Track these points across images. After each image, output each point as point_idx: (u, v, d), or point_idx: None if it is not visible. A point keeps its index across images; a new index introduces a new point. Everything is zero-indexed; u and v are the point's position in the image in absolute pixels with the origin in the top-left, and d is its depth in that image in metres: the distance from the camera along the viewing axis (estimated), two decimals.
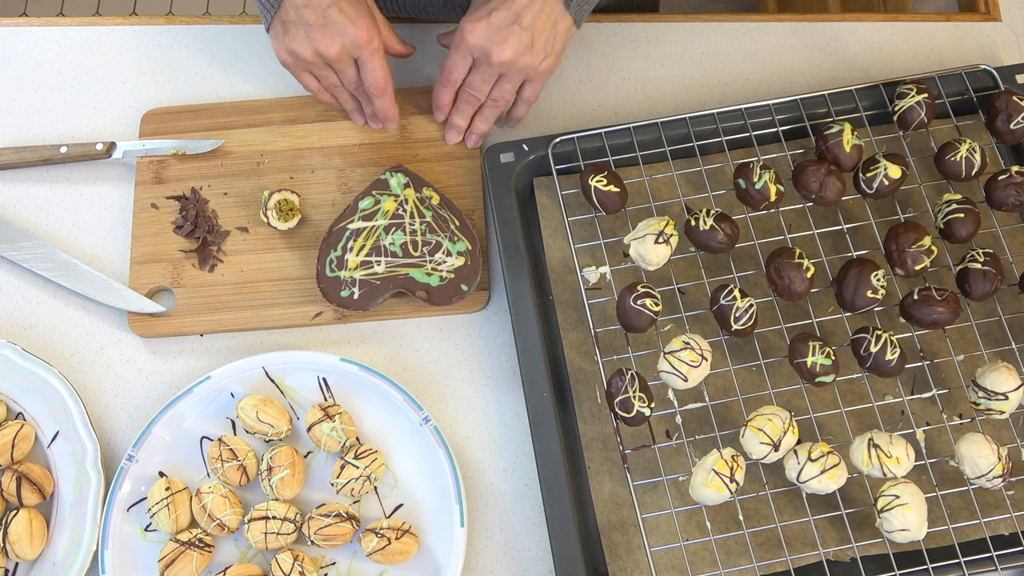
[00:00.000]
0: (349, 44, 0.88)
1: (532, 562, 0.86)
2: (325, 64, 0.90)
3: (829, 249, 0.91)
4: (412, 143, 0.99)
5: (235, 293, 0.93)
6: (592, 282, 0.90)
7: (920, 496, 0.78)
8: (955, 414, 0.86)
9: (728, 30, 1.05)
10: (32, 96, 1.03)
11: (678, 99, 1.02)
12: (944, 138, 0.95)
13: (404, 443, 0.88)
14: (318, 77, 0.93)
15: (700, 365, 0.80)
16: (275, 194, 0.93)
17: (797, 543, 0.82)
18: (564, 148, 0.93)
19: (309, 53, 0.89)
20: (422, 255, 0.91)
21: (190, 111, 1.00)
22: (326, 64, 0.90)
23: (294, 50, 0.89)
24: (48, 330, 0.94)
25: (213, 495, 0.83)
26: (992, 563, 0.79)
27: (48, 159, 0.98)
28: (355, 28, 0.87)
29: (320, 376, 0.89)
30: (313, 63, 0.90)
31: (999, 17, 1.05)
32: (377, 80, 0.91)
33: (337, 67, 0.90)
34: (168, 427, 0.87)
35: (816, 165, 0.86)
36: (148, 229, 0.96)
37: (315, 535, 0.82)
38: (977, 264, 0.83)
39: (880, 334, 0.81)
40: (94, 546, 0.84)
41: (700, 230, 0.84)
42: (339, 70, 0.91)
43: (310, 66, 0.91)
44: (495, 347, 0.92)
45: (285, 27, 0.89)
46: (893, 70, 1.02)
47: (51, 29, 1.06)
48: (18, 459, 0.86)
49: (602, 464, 0.86)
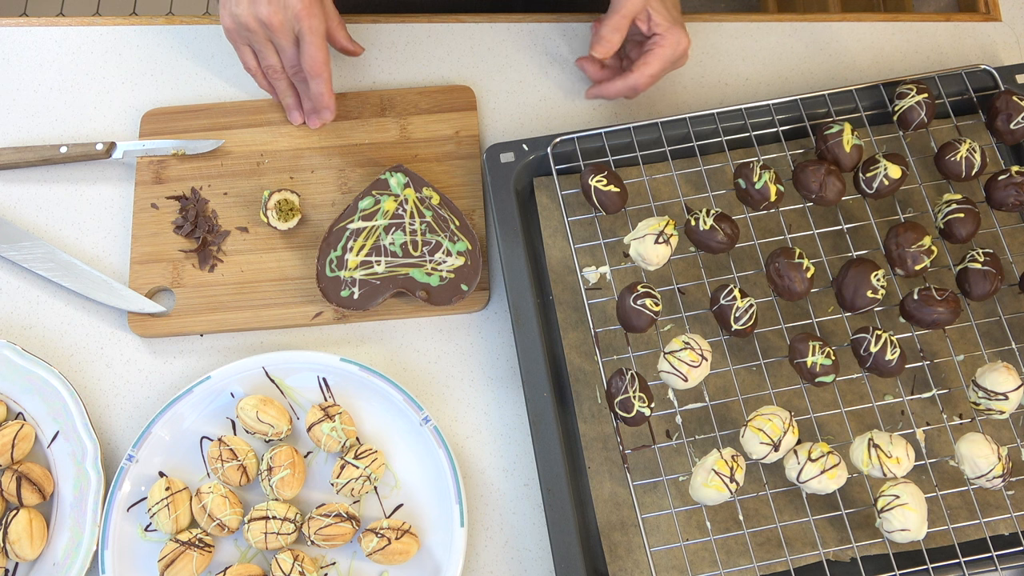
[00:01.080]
0: (292, 16, 0.89)
1: (532, 562, 0.86)
2: (266, 38, 0.92)
3: (829, 249, 0.91)
4: (412, 143, 0.99)
5: (235, 293, 0.93)
6: (592, 282, 0.90)
7: (920, 496, 0.78)
8: (955, 414, 0.86)
9: (728, 30, 1.05)
10: (32, 96, 1.03)
11: (678, 99, 1.02)
12: (944, 138, 0.95)
13: (404, 443, 0.88)
14: (257, 55, 0.94)
15: (700, 365, 0.80)
16: (275, 194, 0.93)
17: (797, 543, 0.82)
18: (564, 148, 0.93)
19: (251, 18, 0.90)
20: (422, 255, 0.91)
21: (190, 111, 1.00)
22: (267, 38, 0.92)
23: (237, 14, 0.91)
24: (48, 330, 0.94)
25: (213, 495, 0.83)
26: (992, 563, 0.79)
27: (48, 159, 0.98)
28: (299, 2, 0.88)
29: (320, 376, 0.89)
30: (253, 32, 0.91)
31: (999, 17, 1.05)
32: (315, 59, 0.92)
33: (278, 41, 0.92)
34: (168, 427, 0.87)
35: (816, 165, 0.86)
36: (148, 229, 0.96)
37: (315, 535, 0.82)
38: (977, 264, 0.83)
39: (880, 334, 0.81)
40: (94, 546, 0.84)
41: (700, 230, 0.84)
42: (279, 45, 0.92)
43: (251, 36, 0.92)
44: (495, 347, 0.92)
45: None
46: (893, 70, 1.02)
47: (51, 29, 1.06)
48: (18, 459, 0.86)
49: (602, 464, 0.86)
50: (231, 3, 0.91)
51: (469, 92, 1.00)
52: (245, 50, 0.95)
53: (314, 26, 0.90)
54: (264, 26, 0.90)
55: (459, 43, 1.04)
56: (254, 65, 0.96)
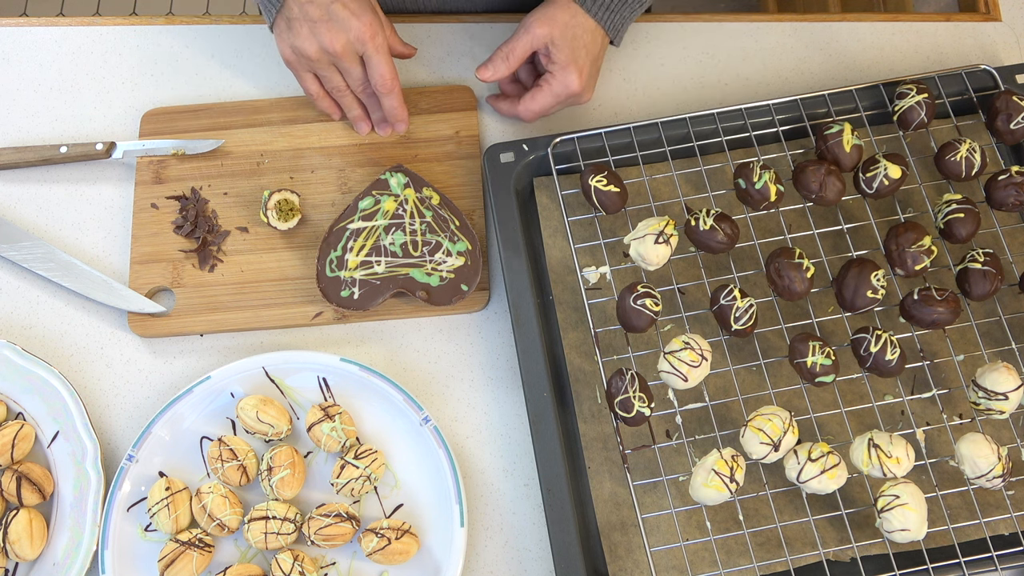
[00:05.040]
0: (354, 39, 0.88)
1: (532, 562, 0.86)
2: (330, 63, 0.90)
3: (829, 249, 0.91)
4: (412, 143, 0.99)
5: (235, 293, 0.93)
6: (592, 282, 0.90)
7: (920, 496, 0.78)
8: (955, 414, 0.86)
9: (728, 30, 1.05)
10: (32, 96, 1.03)
11: (678, 99, 1.02)
12: (944, 138, 0.95)
13: (404, 443, 0.88)
14: (321, 79, 0.93)
15: (700, 365, 0.80)
16: (275, 194, 0.93)
17: (797, 543, 0.82)
18: (564, 148, 0.93)
19: (313, 50, 0.88)
20: (422, 255, 0.91)
21: (190, 111, 1.00)
22: (331, 63, 0.90)
23: (298, 47, 0.89)
24: (48, 330, 0.94)
25: (213, 495, 0.83)
26: (992, 563, 0.79)
27: (48, 159, 0.98)
28: (359, 23, 0.87)
29: (320, 376, 0.89)
30: (317, 60, 0.90)
31: (999, 17, 1.05)
32: (385, 76, 0.90)
33: (342, 65, 0.90)
34: (168, 427, 0.87)
35: (816, 165, 0.86)
36: (148, 229, 0.96)
37: (315, 535, 0.82)
38: (977, 264, 0.83)
39: (880, 334, 0.81)
40: (94, 546, 0.84)
41: (700, 230, 0.84)
42: (344, 69, 0.91)
43: (314, 64, 0.91)
44: (495, 347, 0.92)
45: (289, 24, 0.89)
46: (893, 70, 1.02)
47: (51, 29, 1.06)
48: (18, 459, 0.86)
49: (602, 464, 0.86)
50: (291, 35, 0.89)
51: (469, 92, 1.00)
52: (307, 76, 0.93)
53: (379, 44, 0.89)
54: (327, 53, 0.89)
55: (459, 43, 1.04)
56: (317, 90, 0.94)
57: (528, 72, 0.99)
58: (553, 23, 0.90)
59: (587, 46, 0.92)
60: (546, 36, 0.90)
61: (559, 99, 0.93)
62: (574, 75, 0.91)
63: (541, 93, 0.93)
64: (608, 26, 0.92)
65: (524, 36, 0.91)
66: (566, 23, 0.90)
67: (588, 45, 0.92)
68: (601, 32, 0.92)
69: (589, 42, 0.92)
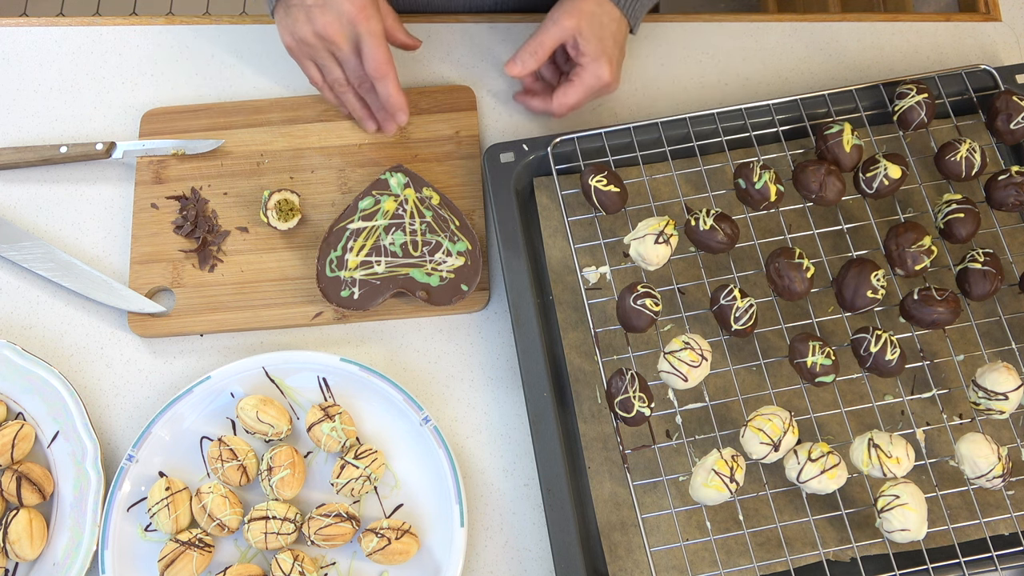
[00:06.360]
0: (346, 21, 0.88)
1: (532, 562, 0.86)
2: (327, 51, 0.91)
3: (829, 249, 0.91)
4: (412, 143, 0.99)
5: (235, 293, 0.93)
6: (592, 282, 0.90)
7: (920, 496, 0.78)
8: (955, 414, 0.86)
9: (728, 30, 1.05)
10: (32, 96, 1.03)
11: (678, 99, 1.02)
12: (944, 138, 0.95)
13: (404, 443, 0.88)
14: (321, 69, 0.93)
15: (700, 365, 0.80)
16: (275, 194, 0.93)
17: (797, 543, 0.82)
18: (564, 148, 0.93)
19: (309, 34, 0.89)
20: (422, 255, 0.91)
21: (190, 111, 1.00)
22: (328, 51, 0.91)
23: (296, 32, 0.90)
24: (48, 330, 0.94)
25: (213, 495, 0.83)
26: (992, 563, 0.79)
27: (48, 159, 0.98)
28: (351, 5, 0.87)
29: (320, 376, 0.89)
30: (314, 46, 0.90)
31: (999, 17, 1.05)
32: (378, 60, 0.90)
33: (339, 54, 0.91)
34: (168, 427, 0.87)
35: (816, 165, 0.86)
36: (148, 229, 0.96)
37: (315, 535, 0.82)
38: (977, 264, 0.83)
39: (880, 334, 0.81)
40: (94, 546, 0.84)
41: (700, 230, 0.84)
42: (342, 58, 0.91)
43: (312, 51, 0.91)
44: (495, 347, 0.92)
45: (287, 10, 0.90)
46: (893, 70, 1.02)
47: (51, 29, 1.06)
48: (18, 459, 0.86)
49: (602, 464, 0.86)
50: (288, 21, 0.90)
51: (469, 92, 1.00)
52: (309, 65, 0.93)
53: (372, 28, 0.88)
54: (323, 39, 0.89)
55: (459, 43, 1.04)
56: (320, 79, 0.94)
57: (549, 69, 0.99)
58: (580, 14, 0.90)
59: (614, 35, 0.92)
60: (574, 28, 0.90)
61: (591, 91, 0.93)
62: (605, 66, 0.92)
63: (573, 87, 0.93)
64: (629, 13, 0.93)
65: (552, 29, 0.91)
66: (592, 13, 0.90)
67: (615, 34, 0.92)
68: (624, 20, 0.93)
69: (616, 31, 0.92)
